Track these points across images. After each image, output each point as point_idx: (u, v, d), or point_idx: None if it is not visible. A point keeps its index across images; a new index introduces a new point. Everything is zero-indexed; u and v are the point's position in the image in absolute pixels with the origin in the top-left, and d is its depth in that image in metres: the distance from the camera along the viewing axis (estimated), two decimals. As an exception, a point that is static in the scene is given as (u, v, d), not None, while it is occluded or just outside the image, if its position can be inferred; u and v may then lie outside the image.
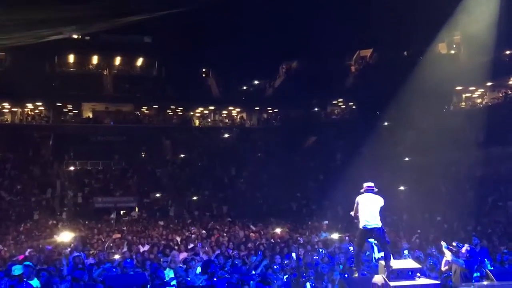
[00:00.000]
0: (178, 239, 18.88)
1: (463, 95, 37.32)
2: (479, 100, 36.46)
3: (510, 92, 33.88)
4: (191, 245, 16.66)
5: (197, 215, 29.87)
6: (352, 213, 10.26)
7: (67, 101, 39.09)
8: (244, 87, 43.39)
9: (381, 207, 9.98)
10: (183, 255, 14.97)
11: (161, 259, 13.44)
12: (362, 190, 10.25)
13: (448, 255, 10.63)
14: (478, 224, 22.19)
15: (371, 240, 11.86)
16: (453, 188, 26.51)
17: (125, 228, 23.62)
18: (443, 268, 11.15)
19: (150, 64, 42.37)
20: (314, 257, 13.76)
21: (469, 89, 36.41)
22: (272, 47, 34.77)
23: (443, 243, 10.94)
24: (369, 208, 9.93)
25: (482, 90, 36.08)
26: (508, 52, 33.33)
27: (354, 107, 42.13)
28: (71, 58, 40.48)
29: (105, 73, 40.65)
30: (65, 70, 40.16)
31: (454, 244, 11.02)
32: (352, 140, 34.84)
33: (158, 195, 33.04)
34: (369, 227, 9.89)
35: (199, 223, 24.76)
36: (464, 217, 22.71)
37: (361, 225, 10.00)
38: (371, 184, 10.24)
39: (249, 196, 33.50)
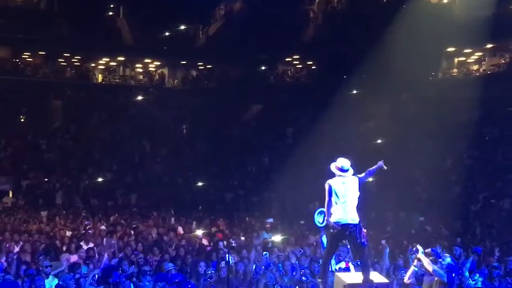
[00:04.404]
0: (68, 235, 18.88)
1: (456, 59, 38.20)
2: (475, 67, 37.34)
3: (515, 58, 34.80)
4: (84, 246, 16.58)
5: (95, 205, 29.78)
6: (324, 208, 10.22)
7: None
8: (167, 33, 42.92)
9: (359, 196, 10.07)
10: (73, 258, 14.96)
11: (42, 263, 13.25)
12: (335, 171, 10.19)
13: (427, 264, 10.97)
14: (464, 228, 23.08)
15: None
16: (436, 180, 27.31)
17: (-7, 220, 23.25)
18: (407, 280, 11.54)
19: (37, -7, 41.17)
20: (252, 266, 13.94)
21: (463, 51, 37.21)
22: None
23: (420, 248, 11.27)
24: (343, 197, 9.97)
25: (480, 54, 37.05)
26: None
27: (313, 67, 42.54)
28: None
29: (-29, 3, 39.22)
30: None
31: (428, 250, 11.41)
32: (308, 111, 35.23)
33: (41, 175, 32.58)
34: (343, 222, 9.95)
35: (97, 216, 24.65)
36: (447, 218, 23.54)
37: (332, 220, 10.04)
38: (346, 162, 10.20)
39: (167, 181, 33.51)
